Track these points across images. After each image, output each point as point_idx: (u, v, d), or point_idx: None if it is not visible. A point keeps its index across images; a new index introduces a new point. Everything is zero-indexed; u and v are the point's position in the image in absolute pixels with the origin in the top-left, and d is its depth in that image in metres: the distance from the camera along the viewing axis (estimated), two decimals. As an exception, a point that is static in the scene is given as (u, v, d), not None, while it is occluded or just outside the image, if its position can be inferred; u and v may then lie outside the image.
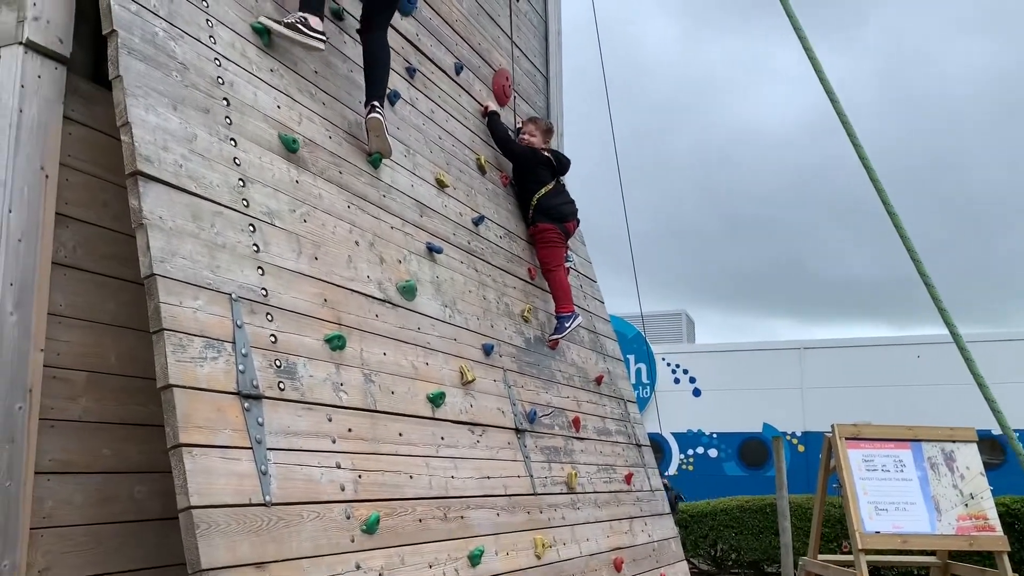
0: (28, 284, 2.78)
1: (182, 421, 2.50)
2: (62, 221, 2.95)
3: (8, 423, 2.68)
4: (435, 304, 4.22)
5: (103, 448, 3.03)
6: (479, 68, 5.79)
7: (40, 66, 2.89)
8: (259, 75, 3.46)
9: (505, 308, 5.02)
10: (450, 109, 5.23)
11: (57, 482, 2.85)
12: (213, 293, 2.79)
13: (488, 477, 4.05)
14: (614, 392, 6.23)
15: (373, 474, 3.24)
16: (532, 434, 4.68)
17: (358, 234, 3.77)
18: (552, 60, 7.00)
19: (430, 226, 4.47)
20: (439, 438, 3.79)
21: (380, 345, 3.62)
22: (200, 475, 2.48)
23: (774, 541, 10.43)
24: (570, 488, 4.82)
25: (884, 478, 6.90)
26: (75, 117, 3.04)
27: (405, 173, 4.40)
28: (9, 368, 2.70)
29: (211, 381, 2.65)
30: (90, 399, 3.00)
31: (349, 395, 3.28)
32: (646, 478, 6.11)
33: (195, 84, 3.08)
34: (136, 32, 2.90)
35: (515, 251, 5.49)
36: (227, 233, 2.97)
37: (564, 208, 5.76)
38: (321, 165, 3.67)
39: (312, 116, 3.74)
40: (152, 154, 2.77)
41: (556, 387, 5.27)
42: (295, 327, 3.12)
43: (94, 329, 3.05)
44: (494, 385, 4.51)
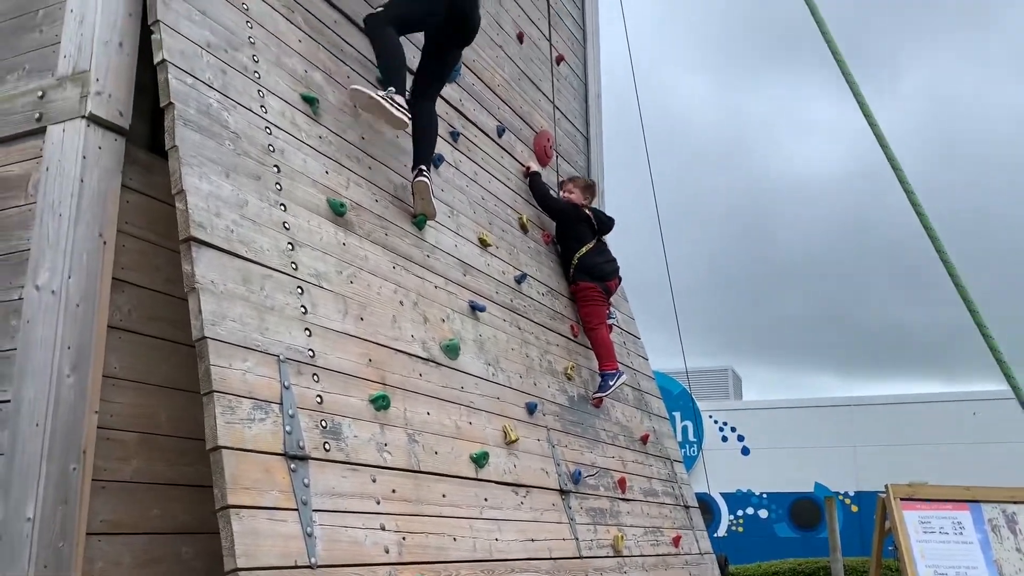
0: (86, 347, 2.86)
1: (230, 482, 2.53)
2: (118, 285, 3.05)
3: (63, 484, 2.74)
4: (478, 363, 4.23)
5: (152, 508, 3.07)
6: (521, 130, 5.89)
7: (101, 138, 3.02)
8: (308, 142, 3.57)
9: (548, 366, 5.01)
10: (493, 170, 5.32)
11: (107, 543, 2.89)
12: (262, 355, 2.84)
13: (532, 540, 4.00)
14: (660, 452, 6.14)
15: (417, 536, 3.23)
16: (577, 495, 4.63)
17: (403, 294, 3.82)
18: (592, 121, 7.10)
19: (473, 285, 4.51)
20: (483, 499, 3.76)
21: (424, 404, 3.63)
22: (247, 537, 2.50)
23: (829, 606, 10.05)
24: (617, 551, 4.74)
25: (943, 540, 6.64)
26: (132, 185, 3.16)
27: (449, 233, 4.47)
28: (65, 430, 2.77)
29: (259, 442, 2.68)
30: (141, 460, 3.05)
31: (393, 455, 3.29)
32: (695, 540, 5.97)
33: (247, 152, 3.19)
34: (191, 104, 3.03)
35: (557, 308, 5.50)
36: (276, 296, 3.03)
37: (605, 267, 5.78)
38: (367, 227, 3.74)
39: (359, 180, 3.83)
40: (205, 220, 2.86)
41: (601, 447, 5.22)
42: (341, 387, 3.16)
43: (146, 391, 3.11)
44: (538, 445, 4.48)
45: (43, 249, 2.90)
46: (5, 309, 2.94)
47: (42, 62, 3.15)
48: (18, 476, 2.72)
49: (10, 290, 2.95)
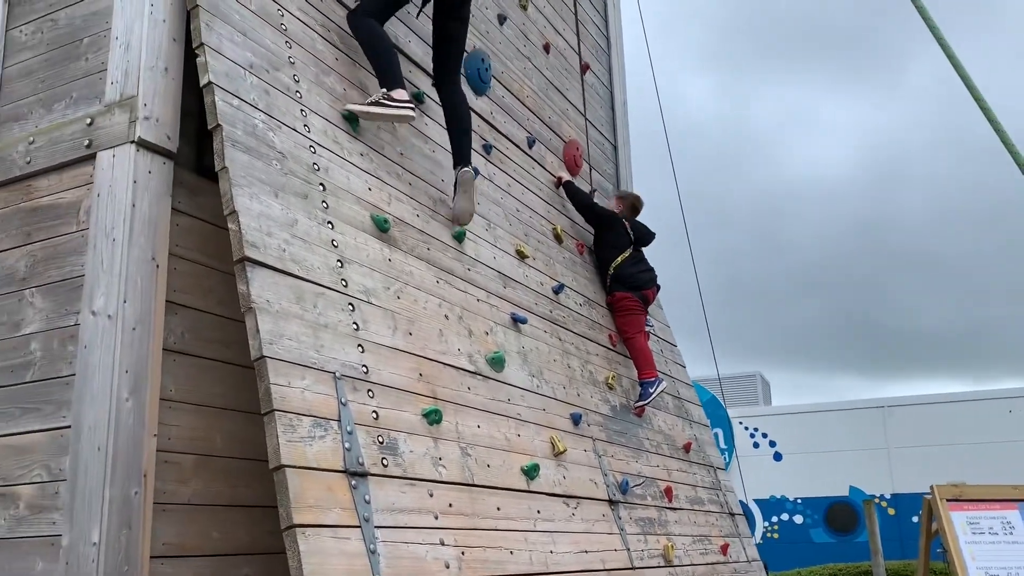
0: (142, 371, 2.86)
1: (295, 501, 2.51)
2: (171, 308, 3.06)
3: (125, 509, 2.73)
4: (523, 374, 4.21)
5: (212, 531, 3.06)
6: (550, 140, 5.89)
7: (150, 162, 3.03)
8: (350, 159, 3.58)
9: (590, 376, 4.98)
10: (525, 182, 5.32)
11: (170, 566, 2.88)
12: (319, 372, 2.84)
13: (586, 551, 3.96)
14: (703, 459, 6.09)
15: (475, 550, 3.20)
16: (626, 505, 4.58)
17: (447, 308, 3.81)
18: (619, 128, 7.09)
19: (513, 297, 4.50)
20: (536, 511, 3.73)
21: (474, 418, 3.62)
22: (314, 556, 2.49)
23: (873, 612, 9.91)
24: (667, 561, 4.68)
25: (993, 541, 6.52)
26: (181, 208, 3.18)
27: (487, 246, 4.46)
28: (125, 454, 2.77)
29: (320, 460, 2.67)
30: (199, 482, 3.05)
31: (448, 469, 3.27)
32: (742, 548, 5.90)
33: (293, 171, 3.20)
34: (239, 125, 3.04)
35: (595, 318, 5.48)
36: (329, 313, 3.03)
37: (642, 276, 5.75)
38: (411, 243, 3.74)
39: (400, 196, 3.83)
40: (258, 240, 2.86)
41: (645, 455, 5.17)
42: (395, 402, 3.15)
43: (201, 412, 3.11)
44: (585, 455, 4.45)
45: (97, 274, 2.91)
46: (62, 335, 2.95)
47: (89, 90, 3.18)
48: (81, 501, 2.72)
49: (67, 316, 2.96)
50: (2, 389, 3.04)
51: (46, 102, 3.28)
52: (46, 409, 2.92)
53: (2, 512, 2.91)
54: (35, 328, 3.03)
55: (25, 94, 3.34)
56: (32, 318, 3.05)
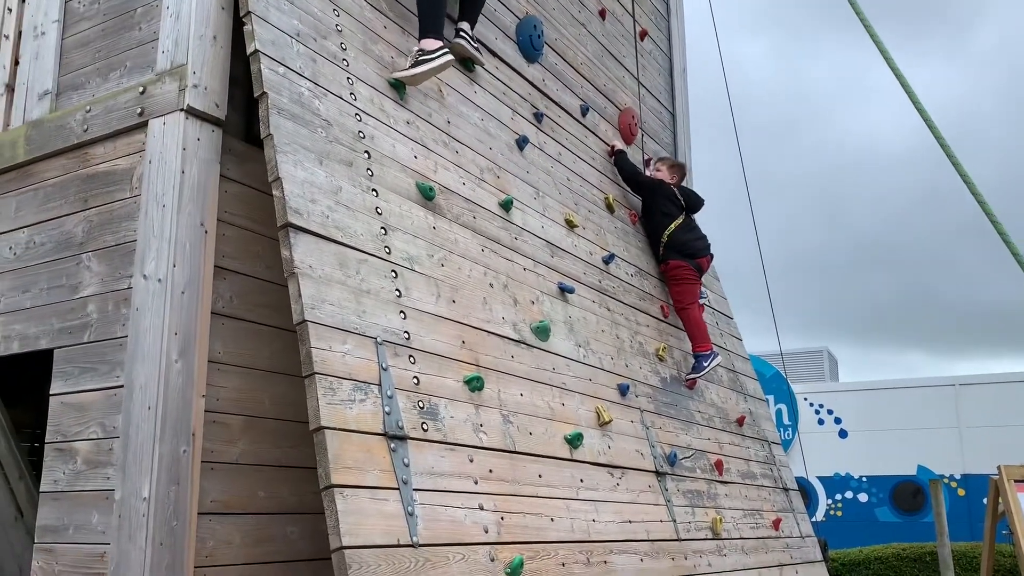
0: (191, 333, 2.95)
1: (334, 462, 2.57)
2: (220, 273, 3.14)
3: (174, 466, 2.84)
4: (569, 344, 4.20)
5: (259, 490, 3.15)
6: (604, 108, 5.81)
7: (199, 130, 3.10)
8: (396, 127, 3.59)
9: (639, 347, 4.94)
10: (577, 151, 5.27)
11: (218, 522, 2.99)
12: (360, 337, 2.88)
13: (630, 521, 3.96)
14: (757, 434, 6.00)
15: (515, 516, 3.23)
16: (673, 477, 4.56)
17: (492, 276, 3.82)
18: (678, 96, 6.96)
19: (561, 266, 4.48)
20: (578, 480, 3.74)
21: (517, 386, 3.63)
22: (351, 515, 2.54)
23: (937, 593, 9.69)
24: (715, 534, 4.65)
25: (1062, 524, 6.29)
26: (229, 175, 3.24)
27: (535, 215, 4.44)
28: (175, 413, 2.87)
29: (360, 423, 2.72)
30: (247, 442, 3.14)
31: (489, 436, 3.29)
32: (795, 524, 5.82)
33: (338, 139, 3.23)
34: (284, 93, 3.08)
35: (646, 289, 5.42)
36: (371, 279, 3.07)
37: (696, 244, 5.63)
38: (456, 211, 3.75)
39: (446, 164, 3.84)
40: (301, 207, 2.90)
41: (696, 428, 5.13)
42: (436, 369, 3.17)
43: (249, 375, 3.20)
44: (631, 426, 4.43)
45: (149, 239, 3.00)
46: (117, 297, 3.06)
47: (142, 59, 3.26)
48: (133, 458, 2.83)
49: (121, 279, 3.06)
50: (62, 350, 3.17)
51: (102, 71, 3.37)
52: (101, 369, 3.03)
53: (62, 466, 3.05)
54: (91, 291, 3.14)
55: (83, 64, 3.45)
56: (89, 281, 3.16)
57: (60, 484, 3.03)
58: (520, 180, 4.43)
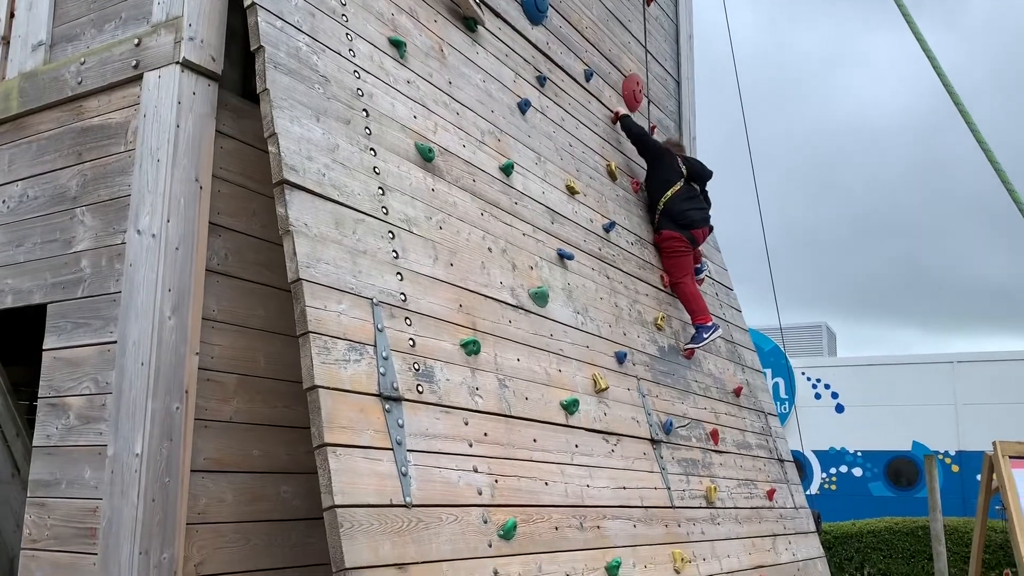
0: (185, 290, 2.92)
1: (327, 421, 2.55)
2: (214, 230, 3.10)
3: (167, 422, 2.82)
4: (567, 311, 4.17)
5: (252, 448, 3.14)
6: (609, 74, 5.74)
7: (195, 83, 3.05)
8: (396, 86, 3.54)
9: (637, 316, 4.92)
10: (580, 116, 5.20)
11: (211, 480, 2.98)
12: (355, 297, 2.85)
13: (624, 487, 3.96)
14: (754, 404, 6.00)
15: (509, 479, 3.22)
16: (668, 445, 4.55)
17: (491, 241, 3.78)
18: (684, 63, 6.87)
19: (561, 233, 4.44)
20: (573, 445, 3.73)
21: (513, 351, 3.61)
22: (344, 475, 2.53)
23: (927, 566, 9.77)
24: (709, 502, 4.66)
25: (1055, 501, 6.31)
26: (225, 131, 3.19)
27: (536, 180, 4.40)
28: (168, 370, 2.85)
29: (354, 383, 2.70)
30: (241, 401, 3.13)
31: (484, 400, 3.28)
32: (789, 495, 5.83)
33: (336, 96, 3.17)
34: (281, 47, 3.02)
35: (647, 258, 5.39)
36: (368, 240, 3.03)
37: (693, 213, 5.53)
38: (456, 173, 3.71)
39: (446, 125, 3.79)
40: (297, 164, 2.86)
41: (692, 398, 5.12)
42: (432, 331, 3.15)
43: (244, 334, 3.17)
44: (628, 394, 4.41)
45: (143, 194, 2.96)
46: (110, 253, 3.02)
47: (137, 10, 3.19)
48: (126, 413, 2.82)
49: (115, 234, 3.03)
50: (55, 304, 3.14)
51: (97, 22, 3.31)
52: (95, 324, 3.01)
53: (55, 421, 3.04)
54: (85, 246, 3.11)
55: (77, 14, 3.38)
56: (82, 236, 3.13)
57: (53, 439, 3.02)
58: (521, 144, 4.38)
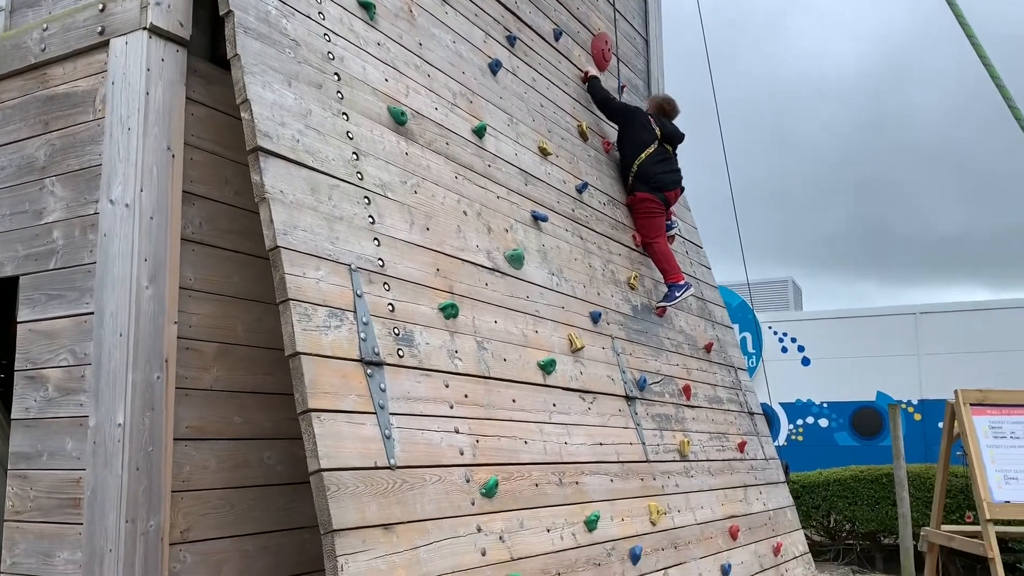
0: (161, 259, 2.91)
1: (310, 387, 2.57)
2: (188, 198, 3.08)
3: (148, 392, 2.83)
4: (542, 272, 4.21)
5: (234, 416, 3.16)
6: (578, 33, 5.71)
7: (163, 50, 3.00)
8: (366, 49, 3.51)
9: (611, 275, 4.97)
10: (551, 76, 5.19)
11: (194, 448, 3.00)
12: (333, 264, 2.86)
13: (600, 444, 4.04)
14: (724, 360, 6.11)
15: (490, 439, 3.28)
16: (643, 401, 4.64)
17: (466, 204, 3.79)
18: (652, 21, 6.85)
19: (535, 194, 4.46)
20: (551, 404, 3.80)
21: (491, 313, 3.64)
22: (329, 439, 2.56)
23: (891, 512, 10.08)
24: (683, 456, 4.77)
25: (1013, 445, 6.54)
26: (196, 98, 3.15)
27: (509, 142, 4.40)
28: (147, 339, 2.84)
29: (336, 348, 2.72)
30: (221, 369, 3.13)
31: (464, 362, 3.32)
32: (760, 446, 5.98)
33: (307, 60, 3.14)
34: (251, 11, 2.98)
35: (619, 218, 5.43)
36: (343, 205, 3.03)
37: (665, 176, 5.57)
38: (429, 137, 3.70)
39: (418, 88, 3.77)
40: (271, 130, 2.84)
41: (665, 355, 5.21)
42: (411, 296, 3.17)
43: (222, 302, 3.17)
44: (603, 352, 4.48)
45: (114, 163, 2.93)
46: (83, 223, 2.99)
47: (100, -26, 3.12)
48: (106, 384, 2.82)
49: (86, 205, 3.00)
50: (28, 276, 3.11)
51: (58, -13, 3.23)
52: (70, 296, 2.99)
53: (33, 394, 3.03)
54: (57, 217, 3.07)
55: (37, -21, 3.30)
56: (53, 207, 3.09)
57: (32, 411, 3.01)
58: (493, 106, 4.37)
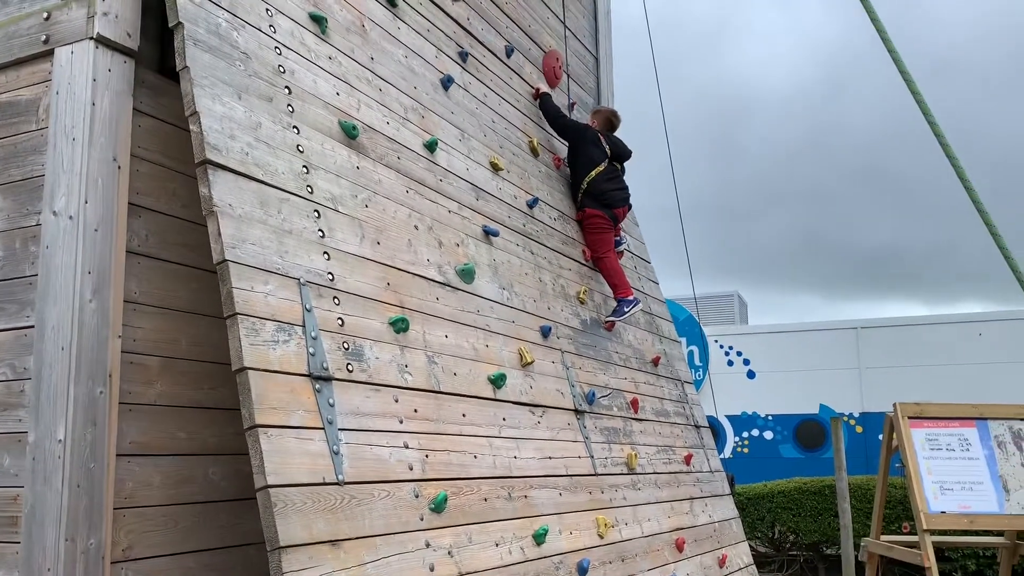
0: (105, 272, 2.86)
1: (257, 402, 2.56)
2: (134, 211, 3.03)
3: (91, 407, 2.77)
4: (493, 287, 4.24)
5: (178, 431, 3.11)
6: (529, 50, 5.78)
7: (110, 60, 2.96)
8: (318, 63, 3.50)
9: (561, 290, 5.02)
10: (502, 92, 5.24)
11: (137, 464, 2.94)
12: (282, 278, 2.85)
13: (550, 457, 4.07)
14: (671, 373, 6.20)
15: (439, 454, 3.28)
16: (591, 415, 4.69)
17: (417, 218, 3.80)
18: (602, 40, 6.96)
19: (486, 209, 4.49)
20: (501, 419, 3.82)
21: (442, 328, 3.65)
22: (276, 455, 2.54)
23: (833, 523, 10.29)
24: (630, 469, 4.82)
25: (949, 457, 6.74)
26: (143, 109, 3.12)
27: (460, 157, 4.42)
28: (90, 353, 2.79)
29: (284, 363, 2.71)
30: (165, 383, 3.09)
31: (414, 376, 3.32)
32: (705, 459, 6.07)
33: (257, 73, 3.13)
34: (201, 24, 2.96)
35: (569, 233, 5.48)
36: (293, 219, 3.02)
37: (615, 194, 5.67)
38: (380, 151, 3.70)
39: (370, 102, 3.77)
40: (220, 143, 2.82)
41: (613, 368, 5.26)
42: (361, 310, 3.17)
43: (167, 316, 3.13)
44: (552, 367, 4.52)
45: (58, 174, 2.88)
46: (24, 235, 2.93)
47: (45, -18, 3.07)
48: (47, 399, 2.76)
49: (28, 216, 2.94)
50: (-35, 288, 3.03)
51: (1, -6, 3.17)
52: (10, 309, 2.92)
53: (-31, 409, 2.94)
54: (-4, 228, 3.00)
55: (-21, -15, 3.23)
56: (-7, 217, 3.02)
57: (-33, 427, 2.93)
58: (445, 121, 4.40)
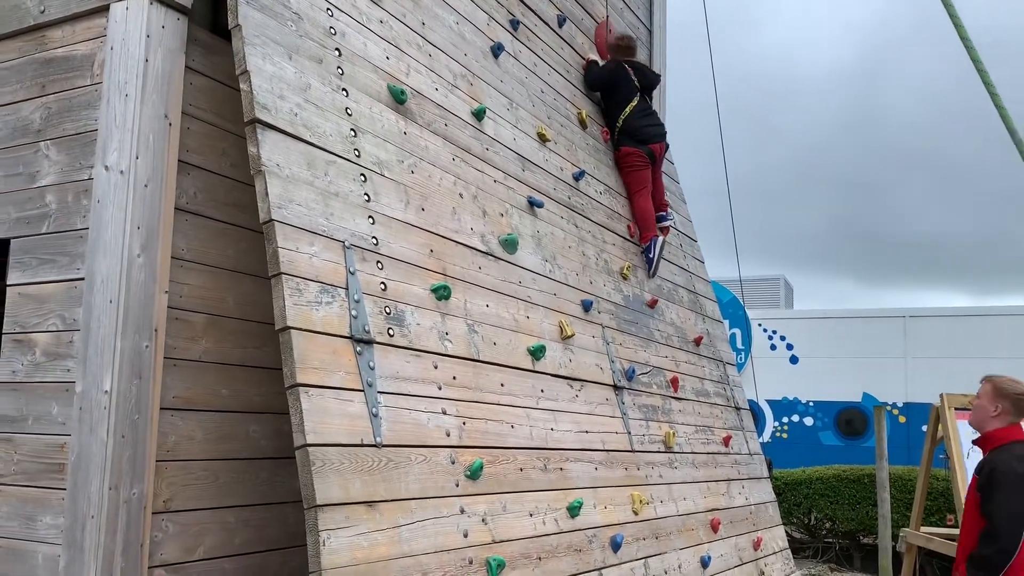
0: (154, 228, 2.89)
1: (299, 361, 2.57)
2: (184, 168, 3.06)
3: (136, 361, 2.82)
4: (535, 258, 4.21)
5: (221, 388, 3.16)
6: (582, 20, 5.69)
7: (164, 16, 2.98)
8: (369, 26, 3.49)
9: (604, 265, 4.98)
10: (552, 62, 5.17)
11: (180, 418, 2.99)
12: (327, 240, 2.85)
13: (587, 431, 4.05)
14: (713, 354, 6.13)
15: (476, 422, 3.28)
16: (630, 391, 4.66)
17: (462, 186, 3.78)
18: (656, 12, 6.83)
19: (531, 180, 4.45)
20: (539, 390, 3.80)
21: (483, 297, 3.64)
22: (316, 414, 2.56)
23: (871, 512, 10.15)
24: (667, 447, 4.79)
25: (996, 451, 6.59)
26: (195, 67, 3.13)
27: (508, 126, 4.39)
28: (137, 308, 2.83)
29: (326, 324, 2.72)
30: (209, 340, 3.13)
31: (454, 344, 3.32)
32: (744, 441, 6.01)
33: (308, 34, 3.12)
34: (254, -18, 2.95)
35: (615, 208, 5.43)
36: (340, 182, 3.02)
37: (650, 130, 5.66)
38: (428, 117, 3.68)
39: (419, 68, 3.75)
40: (269, 102, 2.83)
41: (654, 346, 5.22)
42: (403, 276, 3.17)
43: (213, 273, 3.16)
44: (592, 341, 4.49)
45: (111, 129, 2.91)
46: (76, 188, 2.98)
47: (103, -63, 3.09)
48: (94, 351, 2.81)
49: (81, 170, 2.98)
50: (19, 240, 3.09)
51: (59, -51, 3.20)
52: (61, 261, 2.97)
53: (20, 357, 3.02)
54: (50, 180, 3.05)
55: (39, -60, 3.26)
56: (47, 170, 3.07)
57: (19, 375, 3.00)
58: (494, 89, 4.36)
